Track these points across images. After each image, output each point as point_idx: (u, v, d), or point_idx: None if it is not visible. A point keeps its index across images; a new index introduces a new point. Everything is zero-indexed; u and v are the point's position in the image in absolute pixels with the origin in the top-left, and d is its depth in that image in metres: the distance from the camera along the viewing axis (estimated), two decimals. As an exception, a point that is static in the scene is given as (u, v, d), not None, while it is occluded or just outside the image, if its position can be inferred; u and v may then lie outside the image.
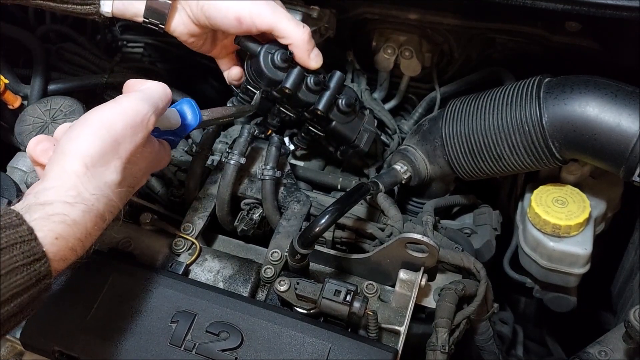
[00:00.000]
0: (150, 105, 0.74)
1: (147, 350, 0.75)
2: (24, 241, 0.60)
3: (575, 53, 1.05)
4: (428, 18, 1.12)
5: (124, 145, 0.71)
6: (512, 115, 0.89)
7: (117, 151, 0.70)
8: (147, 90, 0.76)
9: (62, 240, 0.64)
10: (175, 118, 0.82)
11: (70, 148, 0.69)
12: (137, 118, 0.72)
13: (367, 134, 1.01)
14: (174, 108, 0.83)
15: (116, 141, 0.70)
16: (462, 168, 0.97)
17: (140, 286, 0.80)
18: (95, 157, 0.69)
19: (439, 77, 1.21)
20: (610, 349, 0.88)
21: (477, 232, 1.03)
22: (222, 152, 1.04)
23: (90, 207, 0.67)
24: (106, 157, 0.69)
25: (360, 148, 1.01)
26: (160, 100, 0.76)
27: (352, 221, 0.97)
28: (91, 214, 0.67)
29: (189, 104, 0.84)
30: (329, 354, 0.73)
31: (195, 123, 0.84)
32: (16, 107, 1.08)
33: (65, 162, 0.68)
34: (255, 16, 0.86)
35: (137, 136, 0.72)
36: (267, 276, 0.88)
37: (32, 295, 0.61)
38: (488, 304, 0.92)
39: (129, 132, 0.71)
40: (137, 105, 0.73)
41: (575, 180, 1.01)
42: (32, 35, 1.24)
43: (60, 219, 0.64)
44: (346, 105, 0.96)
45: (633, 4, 0.81)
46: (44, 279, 0.62)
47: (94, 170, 0.68)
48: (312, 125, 1.02)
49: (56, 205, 0.65)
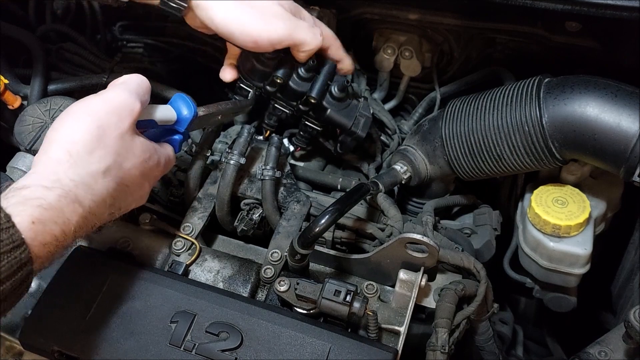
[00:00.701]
0: (132, 92, 0.75)
1: (147, 350, 0.75)
2: (2, 229, 0.59)
3: (575, 53, 1.05)
4: (428, 18, 1.12)
5: (108, 134, 0.72)
6: (512, 115, 0.89)
7: (101, 139, 0.71)
8: (125, 80, 0.78)
9: (40, 224, 0.63)
10: (170, 112, 0.83)
11: (54, 136, 0.70)
12: (120, 104, 0.73)
13: (363, 119, 1.01)
14: (168, 105, 0.84)
15: (100, 128, 0.71)
16: (462, 168, 0.97)
17: (140, 286, 0.80)
18: (78, 143, 0.69)
19: (439, 77, 1.21)
20: (610, 349, 0.88)
21: (477, 232, 1.03)
22: (222, 152, 1.04)
23: (67, 192, 0.67)
24: (90, 145, 0.70)
25: (358, 134, 1.01)
26: (138, 86, 0.77)
27: (352, 221, 0.97)
28: (67, 199, 0.67)
29: (182, 97, 0.85)
30: (329, 354, 0.73)
31: (191, 115, 0.84)
32: (16, 107, 1.08)
33: (49, 150, 0.69)
34: (274, 40, 0.87)
35: (123, 123, 0.73)
36: (267, 276, 0.88)
37: (14, 283, 0.60)
38: (488, 304, 0.92)
39: (114, 119, 0.72)
40: (120, 93, 0.74)
41: (575, 181, 1.01)
42: (32, 35, 1.23)
43: (37, 202, 0.64)
44: (339, 90, 0.97)
45: (633, 4, 0.81)
46: (25, 266, 0.61)
47: (77, 157, 0.69)
48: (308, 119, 1.02)
49: (33, 188, 0.65)
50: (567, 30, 0.99)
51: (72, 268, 0.83)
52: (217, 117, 0.93)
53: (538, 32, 1.07)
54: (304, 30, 0.89)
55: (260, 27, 0.86)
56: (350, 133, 1.01)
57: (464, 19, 1.10)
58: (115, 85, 0.77)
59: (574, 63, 1.03)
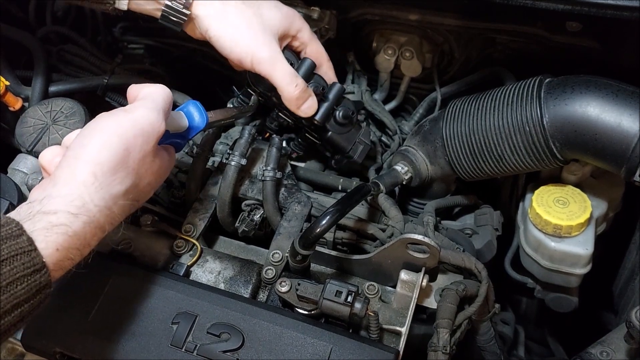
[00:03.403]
0: (159, 112, 0.74)
1: (148, 351, 0.75)
2: (24, 252, 0.61)
3: (576, 53, 1.05)
4: (428, 18, 1.12)
5: (133, 155, 0.71)
6: (513, 115, 0.89)
7: (126, 161, 0.70)
8: (152, 95, 0.76)
9: (63, 251, 0.64)
10: (183, 120, 0.83)
11: (81, 153, 0.69)
12: (149, 127, 0.73)
13: (361, 146, 1.02)
14: (180, 110, 0.84)
15: (127, 150, 0.70)
16: (463, 168, 0.97)
17: (141, 287, 0.80)
18: (105, 166, 0.69)
19: (440, 78, 1.21)
20: (612, 349, 0.88)
21: (478, 233, 1.03)
22: (223, 154, 1.04)
23: (92, 219, 0.67)
24: (115, 167, 0.69)
25: (354, 159, 1.02)
26: (165, 103, 0.77)
27: (353, 222, 0.97)
28: (92, 226, 0.67)
29: (195, 105, 0.84)
30: (330, 354, 0.73)
31: (203, 124, 0.84)
32: (17, 109, 1.08)
33: (75, 169, 0.68)
34: (255, 64, 0.88)
35: (148, 145, 0.73)
36: (268, 277, 0.88)
37: (32, 305, 0.62)
38: (489, 305, 0.92)
39: (140, 141, 0.72)
40: (149, 114, 0.73)
41: (576, 181, 1.01)
42: (32, 37, 1.24)
43: (63, 230, 0.64)
44: (343, 117, 0.98)
45: (633, 4, 0.81)
46: (44, 289, 0.63)
47: (102, 179, 0.68)
48: (309, 132, 1.03)
49: (60, 215, 0.65)
50: (567, 30, 0.99)
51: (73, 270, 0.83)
52: (221, 122, 0.93)
53: (538, 32, 1.07)
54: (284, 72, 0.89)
55: (247, 48, 0.87)
56: (347, 157, 1.02)
57: (464, 19, 1.10)
58: (144, 101, 0.75)
59: (575, 63, 1.03)
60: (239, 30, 0.88)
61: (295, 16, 0.95)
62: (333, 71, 1.01)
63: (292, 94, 0.89)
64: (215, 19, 0.88)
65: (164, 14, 0.89)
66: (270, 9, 0.92)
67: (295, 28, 0.94)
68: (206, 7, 0.88)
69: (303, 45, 0.97)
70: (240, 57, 0.88)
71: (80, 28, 1.38)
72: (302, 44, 0.96)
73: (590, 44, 1.03)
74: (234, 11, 0.88)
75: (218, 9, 0.88)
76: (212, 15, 0.88)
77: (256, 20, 0.89)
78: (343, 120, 0.98)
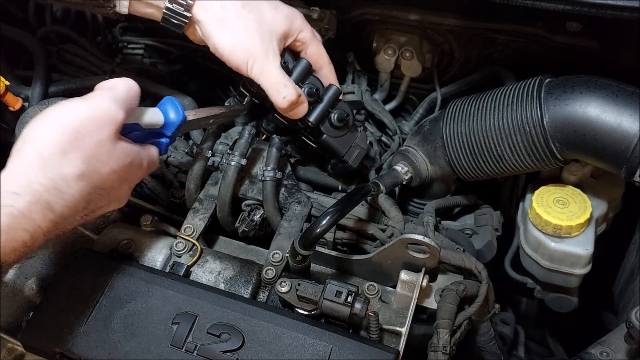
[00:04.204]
0: (117, 101, 0.74)
1: (148, 351, 0.75)
2: None
3: (576, 53, 1.05)
4: (428, 18, 1.12)
5: (86, 139, 0.70)
6: (513, 115, 0.89)
7: (76, 143, 0.70)
8: (114, 86, 0.77)
9: (9, 231, 0.64)
10: (158, 116, 0.82)
11: (29, 135, 0.69)
12: (104, 112, 0.72)
13: (357, 150, 1.01)
14: (156, 108, 0.83)
15: (77, 132, 0.70)
16: (463, 169, 0.97)
17: (141, 288, 0.80)
18: (52, 146, 0.68)
19: (440, 78, 1.21)
20: (612, 350, 0.88)
21: (478, 233, 1.03)
22: (223, 154, 1.04)
23: (38, 198, 0.66)
24: (64, 148, 0.69)
25: (349, 164, 1.01)
26: (127, 94, 0.76)
27: (353, 222, 0.97)
28: (38, 205, 0.66)
29: (171, 102, 0.84)
30: (330, 355, 0.73)
31: (179, 120, 0.83)
32: (17, 109, 1.08)
33: (21, 150, 0.68)
34: (249, 72, 0.89)
35: (103, 130, 0.72)
36: (268, 277, 0.88)
37: None
38: (489, 305, 0.92)
39: (92, 125, 0.71)
40: (104, 101, 0.73)
41: (577, 181, 1.01)
42: (32, 37, 1.24)
43: (6, 210, 0.64)
44: (338, 119, 0.97)
45: (633, 4, 0.81)
46: None
47: (49, 158, 0.68)
48: (305, 135, 1.03)
49: (5, 195, 0.64)
50: (567, 30, 0.99)
51: (73, 270, 0.84)
52: (208, 121, 0.92)
53: (538, 33, 1.07)
54: (278, 82, 0.89)
55: (244, 56, 0.88)
56: (342, 161, 1.02)
57: (464, 19, 1.10)
58: (102, 90, 0.76)
59: (575, 63, 1.03)
60: (237, 38, 0.87)
61: (296, 17, 0.94)
62: (334, 73, 1.01)
63: (280, 104, 0.90)
64: (214, 27, 0.88)
65: (165, 16, 0.89)
66: (271, 11, 0.91)
67: (296, 29, 0.94)
68: (206, 12, 0.87)
69: (304, 46, 0.97)
70: (238, 65, 0.89)
71: (80, 28, 1.38)
72: (302, 44, 0.96)
73: (590, 44, 1.03)
74: (233, 17, 0.88)
75: (218, 15, 0.87)
76: (212, 22, 0.88)
77: (255, 25, 0.88)
78: (338, 123, 0.97)
